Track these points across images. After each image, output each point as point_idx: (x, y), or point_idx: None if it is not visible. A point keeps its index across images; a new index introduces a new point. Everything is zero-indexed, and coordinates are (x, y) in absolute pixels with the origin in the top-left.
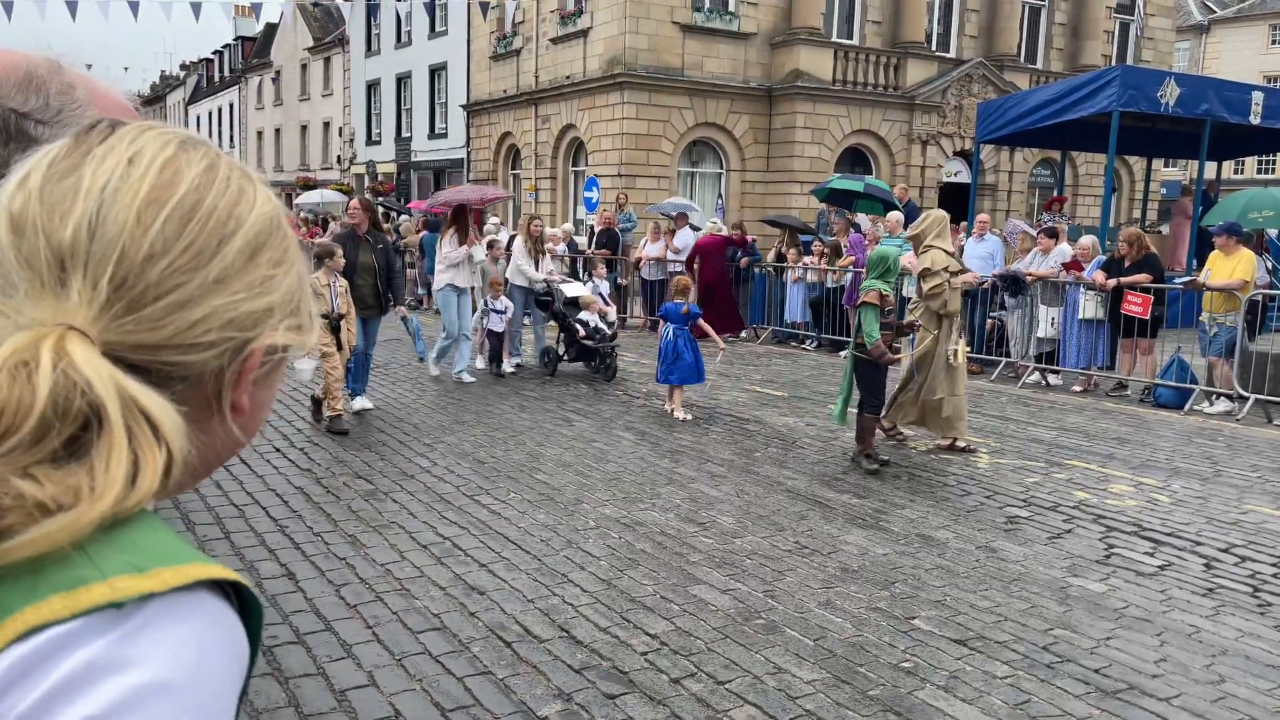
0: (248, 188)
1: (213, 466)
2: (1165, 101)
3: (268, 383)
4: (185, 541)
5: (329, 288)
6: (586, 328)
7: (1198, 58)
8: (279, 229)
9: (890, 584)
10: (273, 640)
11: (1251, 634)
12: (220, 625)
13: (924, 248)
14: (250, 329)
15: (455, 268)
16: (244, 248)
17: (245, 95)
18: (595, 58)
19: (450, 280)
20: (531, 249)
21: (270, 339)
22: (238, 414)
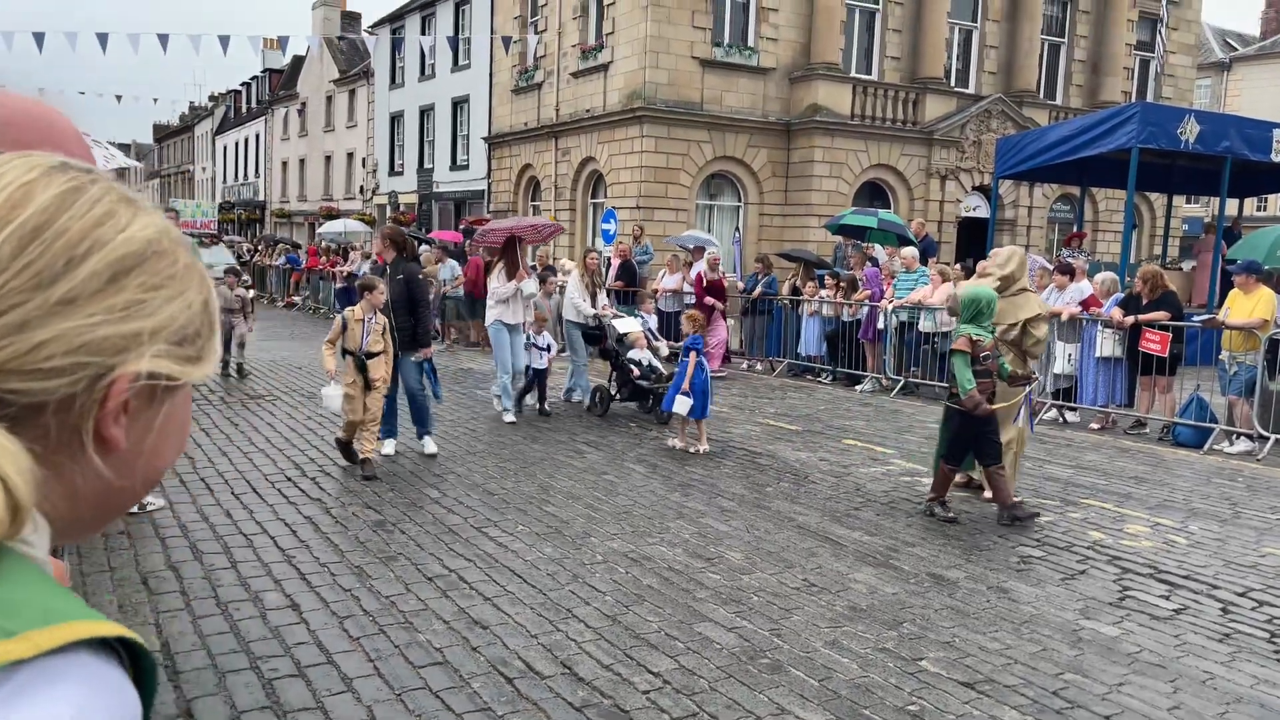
0: (120, 211)
1: (105, 510)
2: (1185, 138)
3: (149, 417)
4: (66, 593)
5: (362, 323)
6: (640, 367)
7: (1219, 95)
8: (160, 254)
9: (899, 624)
10: (273, 673)
11: (1268, 681)
12: (102, 690)
13: (1019, 289)
14: (111, 355)
15: (504, 303)
16: (102, 270)
17: (271, 126)
18: (615, 91)
19: (499, 316)
20: (589, 283)
21: (137, 366)
22: (108, 450)
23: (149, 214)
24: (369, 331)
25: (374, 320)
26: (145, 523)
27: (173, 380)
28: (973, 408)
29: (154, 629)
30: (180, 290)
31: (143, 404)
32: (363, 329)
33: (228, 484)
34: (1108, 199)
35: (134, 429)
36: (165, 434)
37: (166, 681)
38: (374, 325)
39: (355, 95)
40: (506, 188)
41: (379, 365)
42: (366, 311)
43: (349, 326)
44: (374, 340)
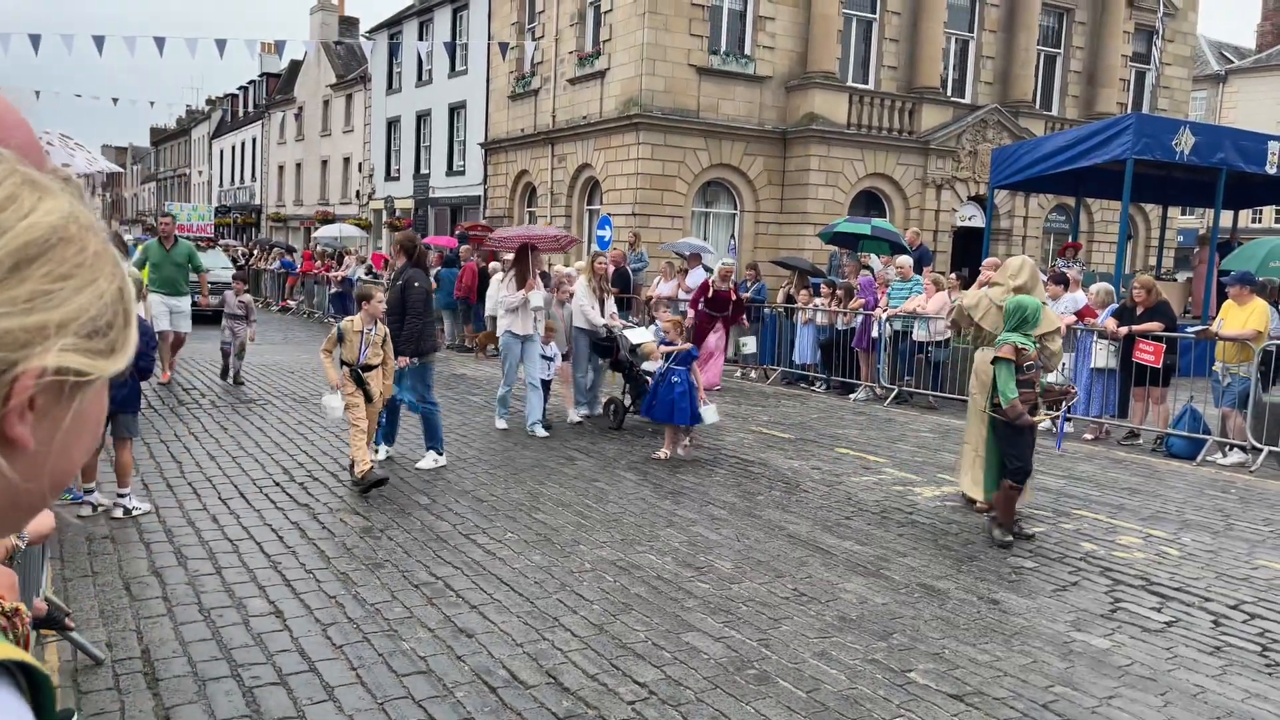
0: (23, 195)
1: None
2: (1180, 150)
3: (58, 415)
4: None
5: (361, 334)
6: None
7: (1214, 107)
8: (67, 241)
9: (888, 635)
10: (254, 681)
11: (1259, 695)
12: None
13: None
14: (14, 350)
15: (513, 313)
16: (3, 259)
17: (268, 130)
18: (612, 99)
19: (509, 326)
20: (597, 289)
21: (43, 362)
22: (14, 450)
23: (56, 198)
24: (367, 343)
25: (373, 331)
26: (130, 527)
27: (83, 376)
28: (1014, 417)
29: (135, 634)
30: (90, 279)
31: (51, 401)
32: (361, 340)
33: (215, 488)
34: (1103, 210)
35: (41, 427)
36: (76, 432)
37: (146, 689)
38: (373, 336)
39: (352, 100)
40: (503, 194)
41: (377, 378)
42: (366, 323)
43: (346, 337)
44: (373, 353)
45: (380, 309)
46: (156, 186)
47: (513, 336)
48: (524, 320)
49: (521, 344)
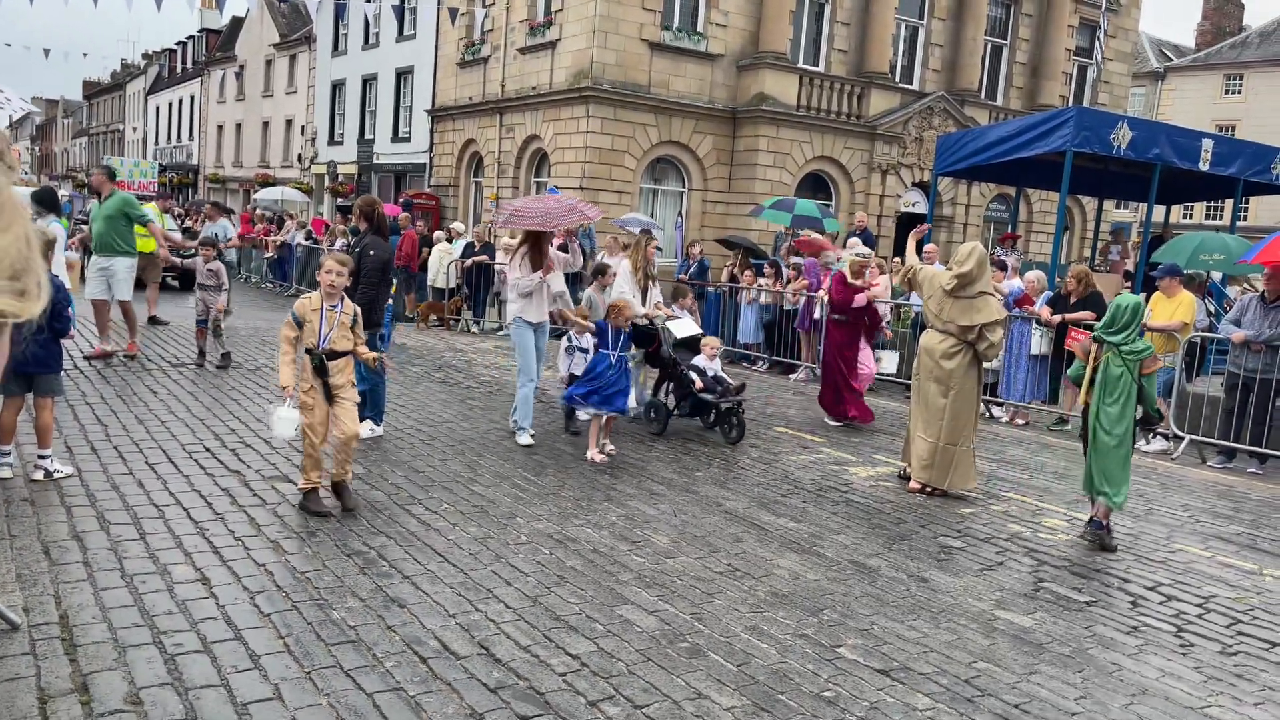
0: None
1: None
2: (1118, 144)
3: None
4: None
5: (321, 313)
6: (704, 377)
7: (1153, 103)
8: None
9: (819, 610)
10: (177, 649)
11: (1172, 674)
12: None
13: (978, 292)
14: None
15: (526, 298)
16: None
17: (207, 88)
18: (562, 70)
19: (520, 312)
20: (641, 276)
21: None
22: None
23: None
24: (332, 324)
25: (338, 309)
26: (50, 490)
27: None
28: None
29: (53, 599)
30: (6, 224)
31: None
32: (321, 321)
33: (142, 453)
34: (1042, 200)
35: None
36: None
37: (63, 654)
38: (339, 315)
39: (296, 60)
40: (449, 162)
41: (344, 368)
42: (328, 299)
43: (304, 319)
44: (339, 336)
45: (334, 280)
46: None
47: (524, 324)
48: (538, 305)
49: (534, 333)
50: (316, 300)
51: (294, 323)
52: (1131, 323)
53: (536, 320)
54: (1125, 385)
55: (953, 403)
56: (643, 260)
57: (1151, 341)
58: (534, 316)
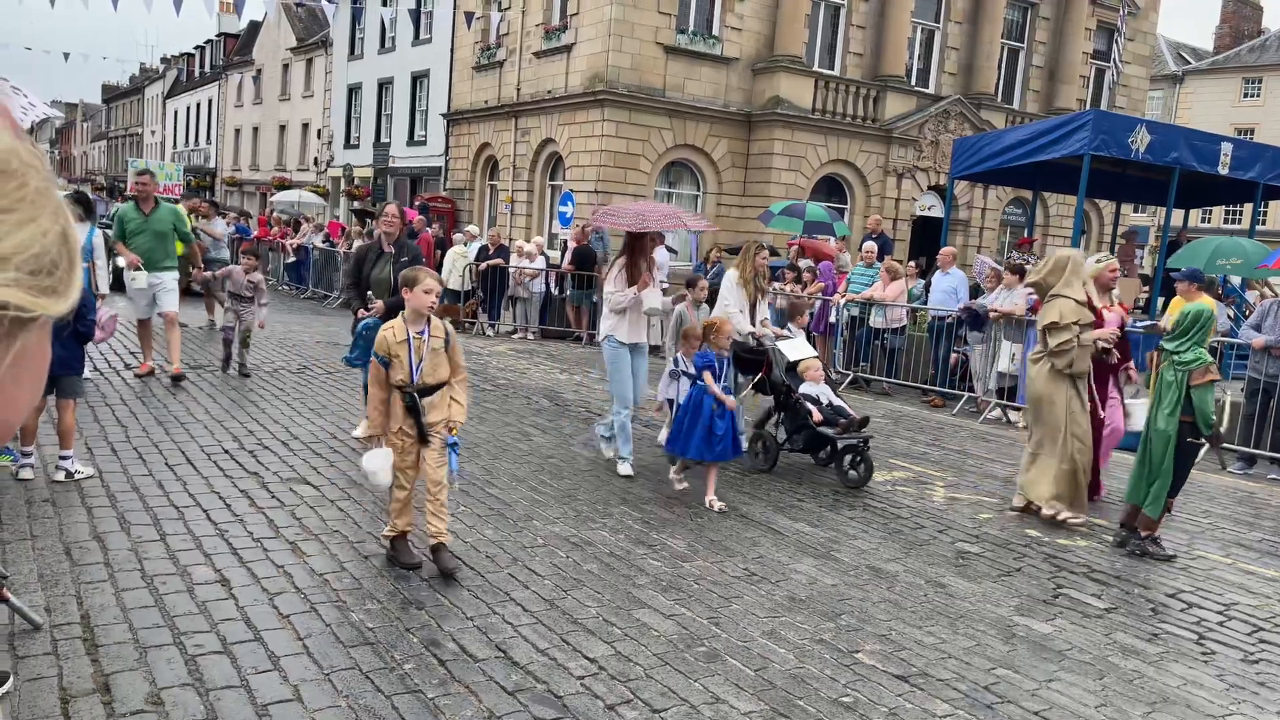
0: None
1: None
2: (1136, 148)
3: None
4: None
5: (407, 343)
6: (820, 407)
7: (1171, 107)
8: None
9: (837, 615)
10: (198, 649)
11: (1194, 682)
12: None
13: (1050, 297)
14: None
15: (619, 314)
16: None
17: (225, 92)
18: (577, 74)
19: (613, 330)
20: (750, 290)
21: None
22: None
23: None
24: (422, 353)
25: (427, 334)
26: (72, 491)
27: (24, 311)
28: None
29: (75, 600)
30: (32, 216)
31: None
32: (409, 351)
33: (162, 454)
34: (1059, 204)
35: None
36: (18, 377)
37: (85, 655)
38: (429, 341)
39: (312, 64)
40: (464, 165)
41: (440, 404)
42: (414, 323)
43: (392, 352)
44: (431, 366)
45: (428, 300)
46: (107, 145)
47: (617, 344)
48: (633, 324)
49: (631, 354)
50: (400, 329)
51: (379, 364)
52: (1189, 331)
53: (631, 340)
54: (1174, 395)
55: (1032, 408)
56: (751, 270)
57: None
58: (627, 335)
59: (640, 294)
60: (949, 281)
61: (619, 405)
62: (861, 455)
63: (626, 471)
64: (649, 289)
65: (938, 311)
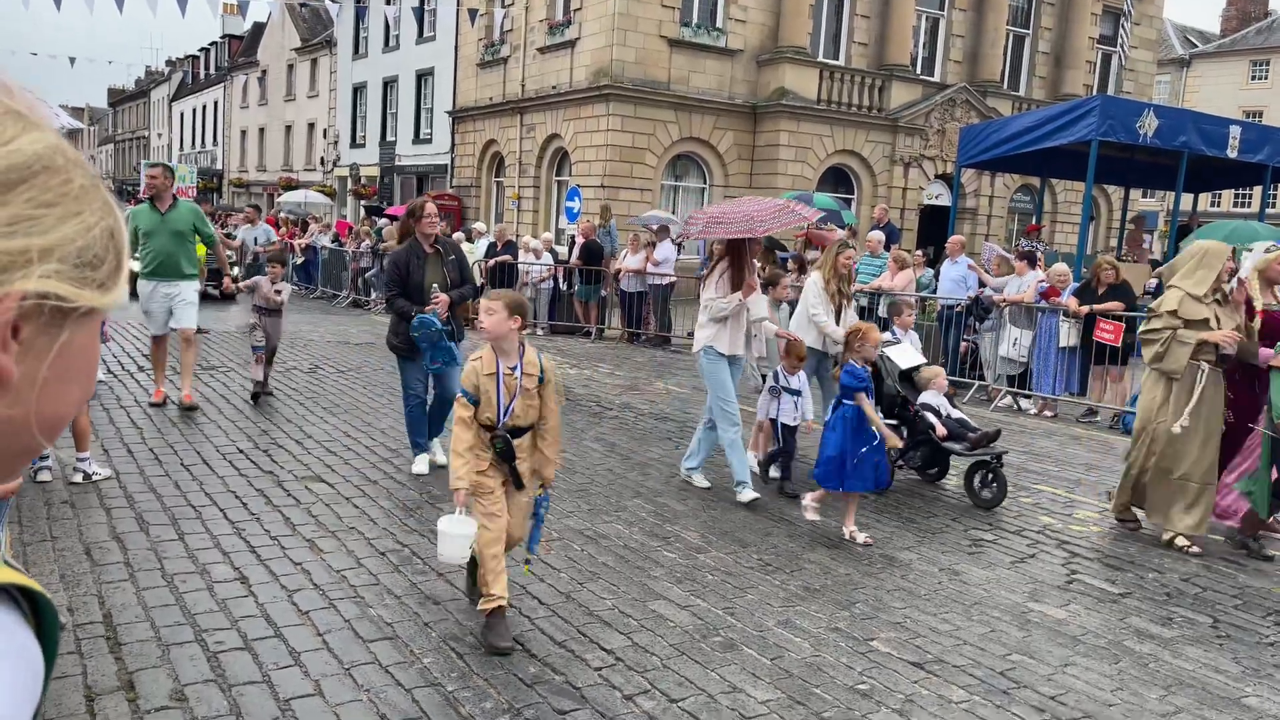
0: (7, 124)
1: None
2: (1144, 132)
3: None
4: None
5: (497, 376)
6: (943, 419)
7: (1178, 91)
8: (52, 170)
9: (851, 604)
10: (219, 646)
11: (1209, 665)
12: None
13: (1168, 287)
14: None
15: (720, 323)
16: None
17: (230, 93)
18: (582, 69)
19: (711, 341)
20: (835, 292)
21: (25, 285)
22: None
23: (41, 130)
24: (513, 389)
25: (519, 371)
26: (90, 493)
27: (66, 302)
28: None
29: (96, 599)
30: (76, 210)
31: (36, 331)
32: (498, 386)
33: (177, 455)
34: (1067, 190)
35: (26, 359)
36: (64, 371)
37: (109, 653)
38: (519, 379)
39: (317, 64)
40: (470, 163)
41: (530, 449)
42: (505, 356)
43: (479, 392)
44: (525, 406)
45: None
46: (114, 148)
47: (716, 355)
48: (734, 332)
49: (731, 367)
50: (489, 361)
51: (466, 401)
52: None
53: (731, 352)
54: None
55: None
56: (833, 272)
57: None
58: (728, 347)
59: (746, 301)
60: (957, 270)
61: (726, 423)
62: (994, 473)
63: (749, 497)
64: (756, 296)
65: (947, 300)
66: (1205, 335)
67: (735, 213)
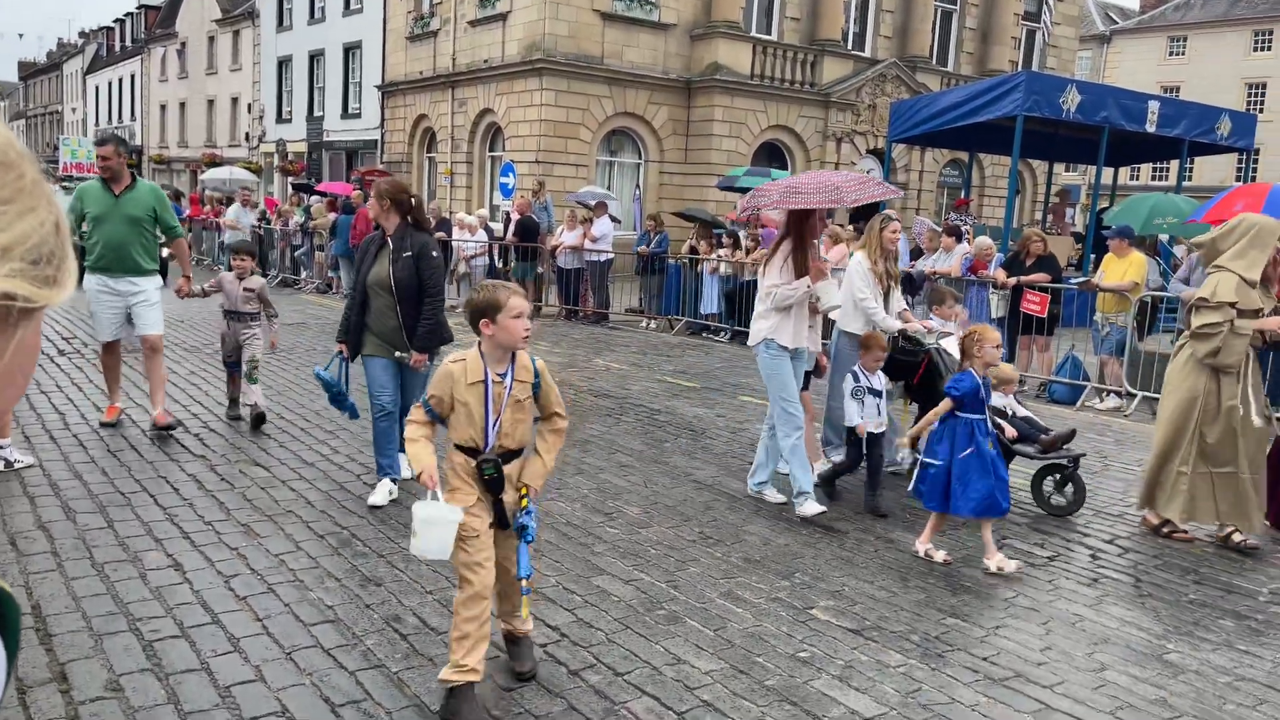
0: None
1: None
2: (1067, 108)
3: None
4: None
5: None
6: (1010, 419)
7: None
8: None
9: (791, 574)
10: (154, 635)
11: (1132, 623)
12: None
13: (1213, 268)
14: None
15: (784, 312)
16: None
17: (148, 67)
18: (514, 42)
19: (773, 334)
20: (882, 272)
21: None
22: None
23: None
24: (502, 404)
25: (510, 378)
26: (12, 481)
27: (29, 302)
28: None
29: (23, 590)
30: (30, 206)
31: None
32: (486, 398)
33: (103, 440)
34: (994, 165)
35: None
36: (13, 367)
37: (38, 645)
38: (509, 389)
39: (240, 36)
40: (401, 138)
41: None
42: (496, 363)
43: (459, 398)
44: (514, 420)
45: (521, 330)
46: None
47: (778, 350)
48: (798, 322)
49: (794, 363)
50: (475, 366)
51: (426, 414)
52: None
53: (795, 345)
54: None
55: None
56: (879, 250)
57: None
58: (791, 339)
59: (814, 286)
60: None
61: (789, 426)
62: (1070, 477)
63: (812, 511)
64: (826, 281)
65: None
66: (1261, 324)
67: (812, 182)
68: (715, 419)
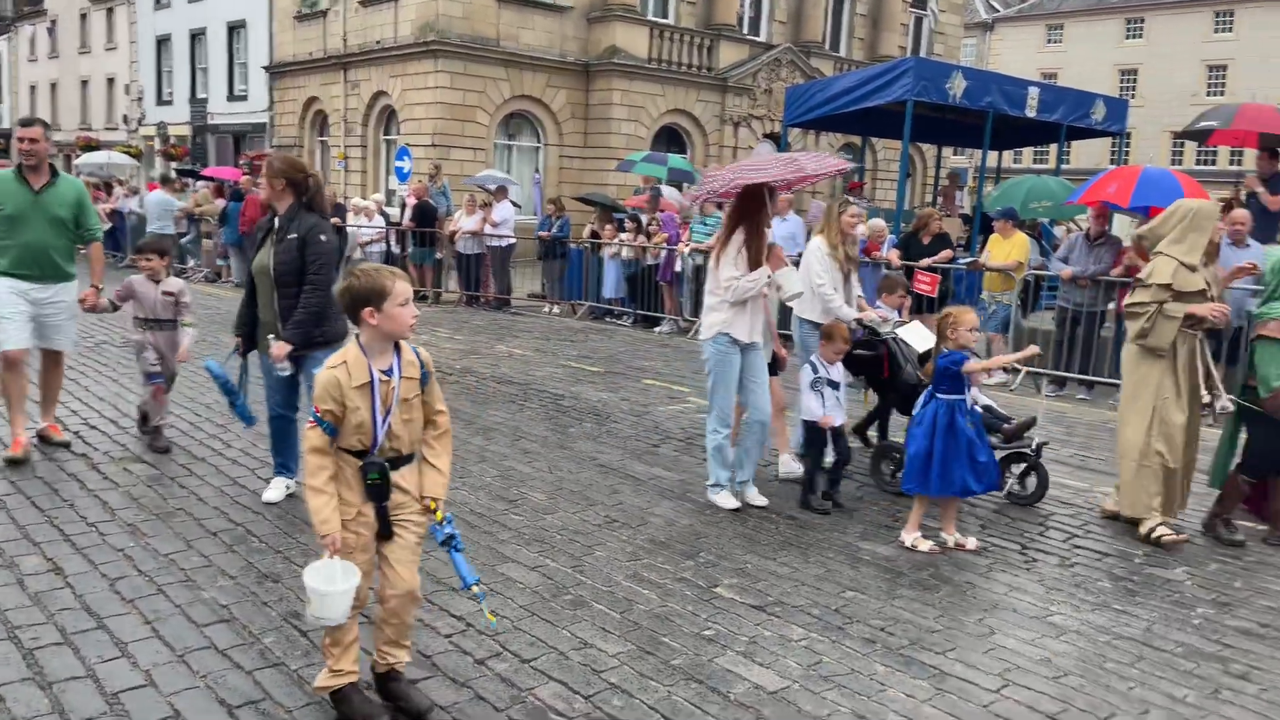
0: None
1: None
2: (953, 93)
3: None
4: None
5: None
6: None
7: (983, 53)
8: None
9: (696, 554)
10: (34, 643)
11: (1019, 589)
12: None
13: (1155, 254)
14: None
15: (739, 306)
16: None
17: (16, 45)
18: (407, 23)
19: (726, 327)
20: (842, 258)
21: None
22: None
23: None
24: (390, 402)
25: (397, 373)
26: None
27: None
28: (1274, 410)
29: None
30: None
31: None
32: (373, 402)
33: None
34: (886, 149)
35: None
36: None
37: None
38: (397, 384)
39: (114, 14)
40: (291, 120)
41: (412, 479)
42: (379, 357)
43: (347, 403)
44: (404, 418)
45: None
46: None
47: (729, 343)
48: (753, 316)
49: (744, 356)
50: (359, 366)
51: (321, 428)
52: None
53: (750, 339)
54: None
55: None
56: (839, 235)
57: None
58: (747, 333)
59: (774, 274)
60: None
61: (718, 423)
62: (1034, 466)
63: (729, 504)
64: (786, 269)
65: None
66: (1193, 309)
67: (768, 159)
68: (619, 403)
